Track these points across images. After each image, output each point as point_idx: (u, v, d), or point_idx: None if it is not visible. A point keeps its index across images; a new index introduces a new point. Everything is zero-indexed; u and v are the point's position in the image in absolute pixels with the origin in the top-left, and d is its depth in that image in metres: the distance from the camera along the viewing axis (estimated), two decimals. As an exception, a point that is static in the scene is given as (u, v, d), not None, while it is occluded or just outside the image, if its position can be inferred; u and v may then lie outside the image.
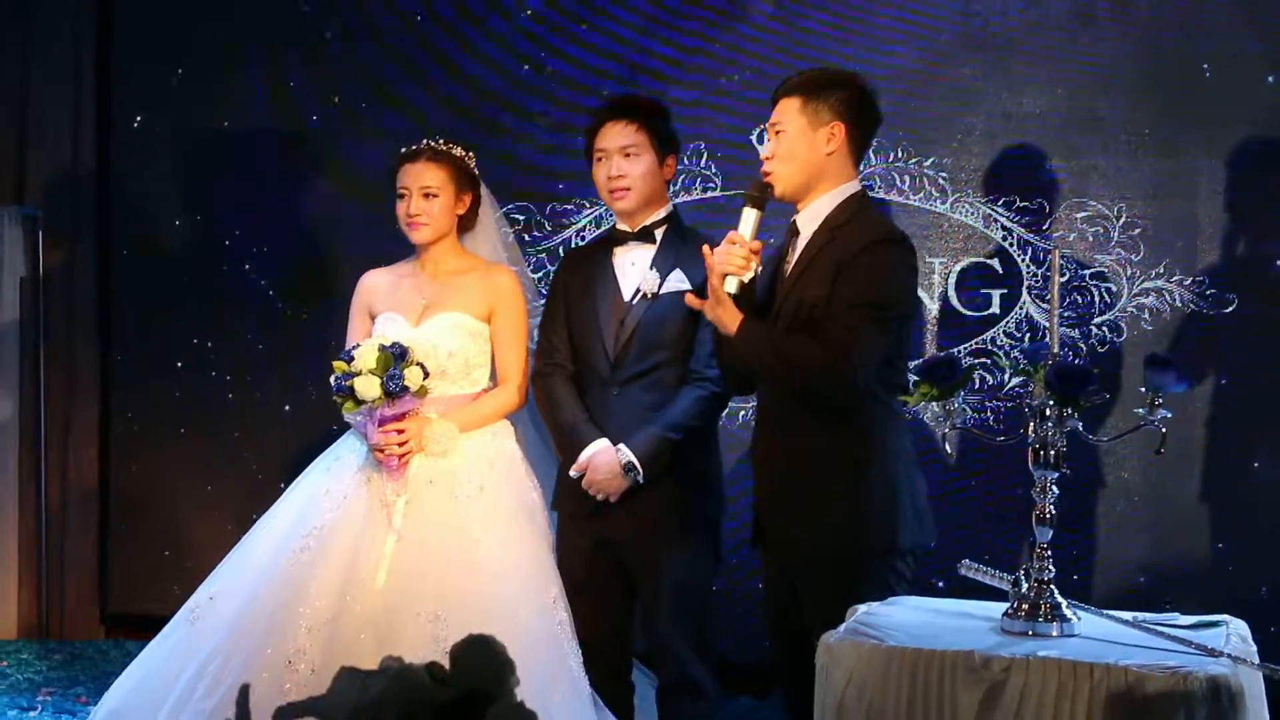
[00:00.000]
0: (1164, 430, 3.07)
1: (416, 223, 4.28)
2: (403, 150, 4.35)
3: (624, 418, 4.09)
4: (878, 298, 3.50)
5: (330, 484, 4.20)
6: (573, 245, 5.70)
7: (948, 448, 3.29)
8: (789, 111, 3.65)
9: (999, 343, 5.48)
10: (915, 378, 3.20)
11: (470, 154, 4.37)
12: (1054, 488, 3.12)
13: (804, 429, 3.61)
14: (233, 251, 6.21)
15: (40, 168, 6.49)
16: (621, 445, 4.04)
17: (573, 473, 4.08)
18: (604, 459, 4.04)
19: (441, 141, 4.34)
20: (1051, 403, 3.05)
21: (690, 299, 3.73)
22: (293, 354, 6.09)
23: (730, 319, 3.57)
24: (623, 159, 4.14)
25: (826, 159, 3.64)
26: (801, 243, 3.67)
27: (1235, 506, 5.30)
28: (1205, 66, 5.31)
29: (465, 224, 4.37)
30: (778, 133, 3.66)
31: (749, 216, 3.64)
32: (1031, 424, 3.10)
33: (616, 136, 4.15)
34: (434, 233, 4.30)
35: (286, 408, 6.13)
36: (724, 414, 4.43)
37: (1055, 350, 3.15)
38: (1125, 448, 5.25)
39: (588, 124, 4.27)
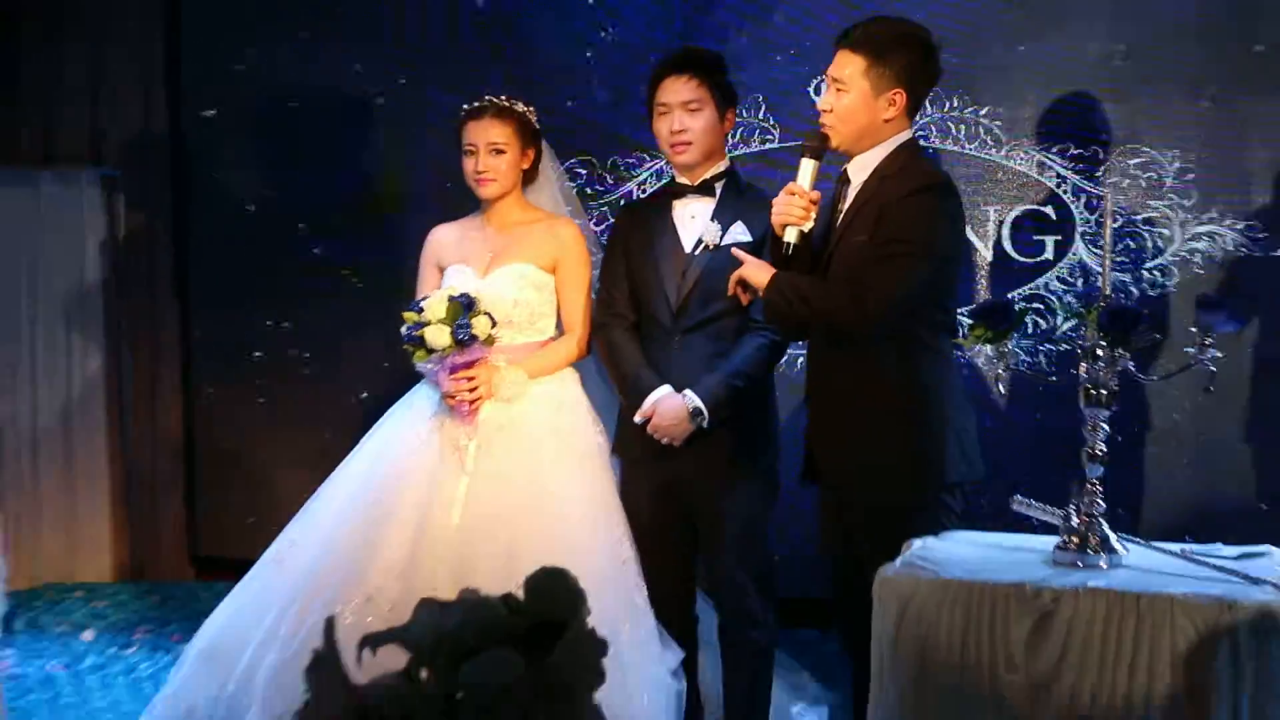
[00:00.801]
0: (1214, 369, 3.07)
1: (484, 179, 4.27)
2: (466, 107, 4.33)
3: (687, 366, 4.09)
4: (910, 238, 3.49)
5: (405, 430, 4.22)
6: (634, 198, 5.73)
7: (1001, 388, 3.29)
8: (853, 71, 3.59)
9: (1052, 288, 5.47)
10: (969, 321, 3.21)
11: (532, 108, 4.35)
12: (1105, 426, 3.13)
13: (853, 371, 3.62)
14: (305, 218, 6.25)
15: (117, 130, 6.52)
16: (688, 391, 4.04)
17: (638, 418, 4.08)
18: (670, 404, 4.04)
19: (505, 98, 4.32)
20: (1104, 343, 3.05)
21: (736, 252, 3.76)
22: (362, 315, 6.13)
23: (762, 276, 3.61)
24: (685, 113, 4.11)
25: (884, 123, 3.63)
26: (852, 191, 3.67)
27: (1275, 441, 5.29)
28: (1258, 19, 5.26)
29: (529, 178, 4.36)
30: (839, 90, 3.62)
31: (807, 167, 3.64)
32: (1084, 364, 3.11)
33: (678, 91, 4.12)
34: (501, 188, 4.29)
35: (361, 362, 6.17)
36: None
37: (1108, 293, 3.15)
38: (1173, 389, 5.23)
39: (649, 77, 4.24)
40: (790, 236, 3.60)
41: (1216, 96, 5.34)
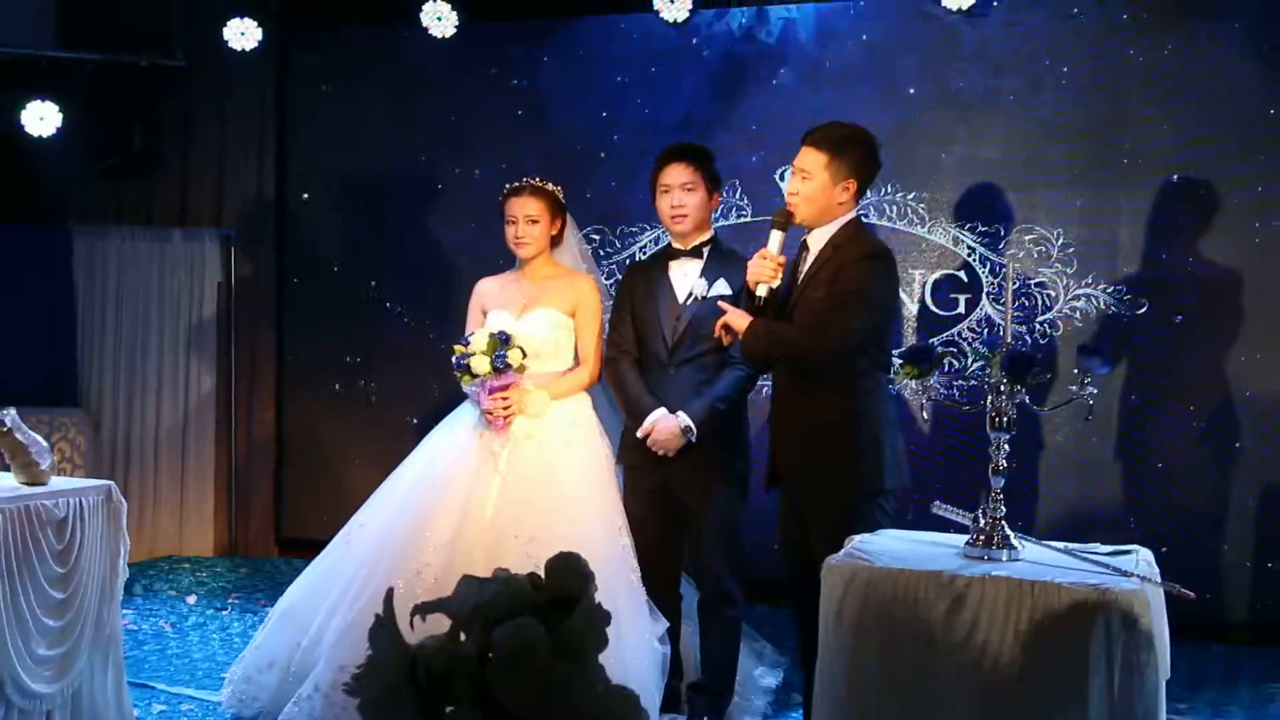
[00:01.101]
0: (1090, 402, 3.06)
1: (522, 243, 4.27)
2: (508, 186, 4.34)
3: (679, 391, 4.06)
4: (859, 291, 3.49)
5: (451, 439, 4.20)
6: (636, 259, 5.71)
7: (924, 415, 3.26)
8: (816, 164, 3.58)
9: (964, 335, 5.45)
10: (899, 361, 3.18)
11: (560, 188, 4.35)
12: (1006, 446, 3.09)
13: (810, 399, 3.59)
14: (379, 273, 6.25)
15: (233, 197, 6.55)
16: (680, 412, 4.02)
17: (639, 434, 4.06)
18: (666, 423, 4.02)
19: (539, 179, 4.32)
20: (1005, 380, 3.03)
21: (722, 305, 3.74)
22: (418, 353, 6.13)
23: (741, 322, 3.59)
24: (682, 192, 4.09)
25: (838, 204, 3.62)
26: (811, 257, 3.66)
27: (1138, 460, 5.27)
28: (1124, 121, 5.28)
29: (555, 241, 4.35)
30: (804, 178, 3.60)
31: (775, 237, 3.62)
32: (990, 397, 3.07)
33: (678, 174, 4.10)
34: (535, 250, 4.29)
35: (415, 386, 6.16)
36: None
37: (1009, 340, 3.12)
38: (1059, 416, 5.23)
39: (654, 164, 4.22)
40: (762, 292, 3.59)
41: (1093, 186, 5.33)
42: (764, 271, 3.58)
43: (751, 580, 4.20)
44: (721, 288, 4.09)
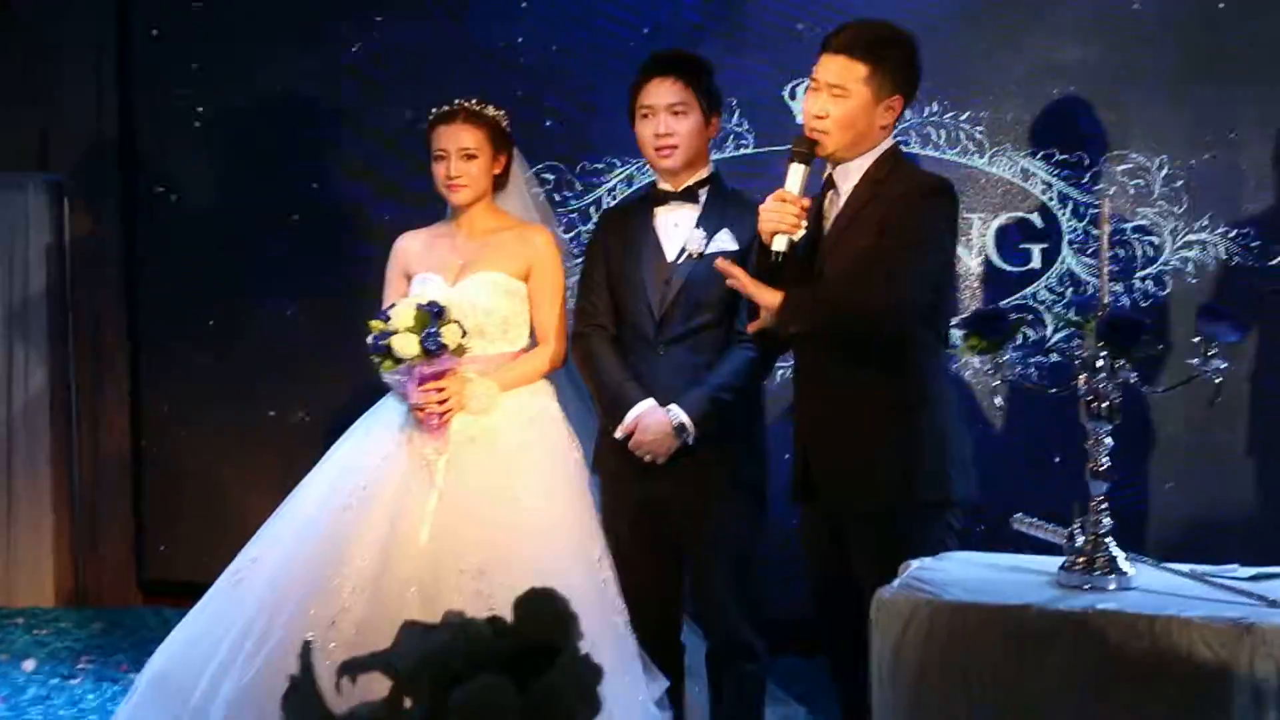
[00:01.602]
0: (1219, 380, 3.05)
1: (456, 185, 4.27)
2: (435, 111, 4.34)
3: (670, 378, 4.06)
4: (924, 239, 3.53)
5: (371, 444, 4.20)
6: (604, 205, 5.68)
7: (998, 401, 3.25)
8: (853, 77, 3.60)
9: (1041, 298, 5.46)
10: (961, 331, 3.18)
11: (504, 113, 4.35)
12: (1108, 440, 3.09)
13: (849, 380, 3.62)
14: (258, 226, 6.21)
15: (65, 137, 6.46)
16: (672, 405, 4.01)
17: (619, 434, 4.05)
18: (653, 419, 4.01)
19: (475, 102, 4.32)
20: (1104, 354, 3.02)
21: (720, 263, 3.74)
22: (322, 325, 6.09)
23: (771, 298, 3.57)
24: (670, 116, 4.10)
25: (880, 129, 3.66)
26: (843, 198, 3.67)
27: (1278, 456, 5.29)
28: (1253, 19, 5.27)
29: (499, 184, 4.36)
30: (838, 96, 3.61)
31: (796, 172, 3.63)
32: (1083, 376, 3.07)
33: (664, 93, 4.11)
34: (473, 194, 4.29)
35: (318, 376, 6.12)
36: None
37: (1105, 301, 3.12)
38: (1170, 401, 5.21)
39: (632, 82, 4.21)
40: (780, 245, 3.59)
41: (1205, 100, 5.32)
42: (785, 218, 3.58)
43: (775, 624, 4.22)
44: (725, 241, 4.10)
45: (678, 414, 4.00)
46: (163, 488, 6.41)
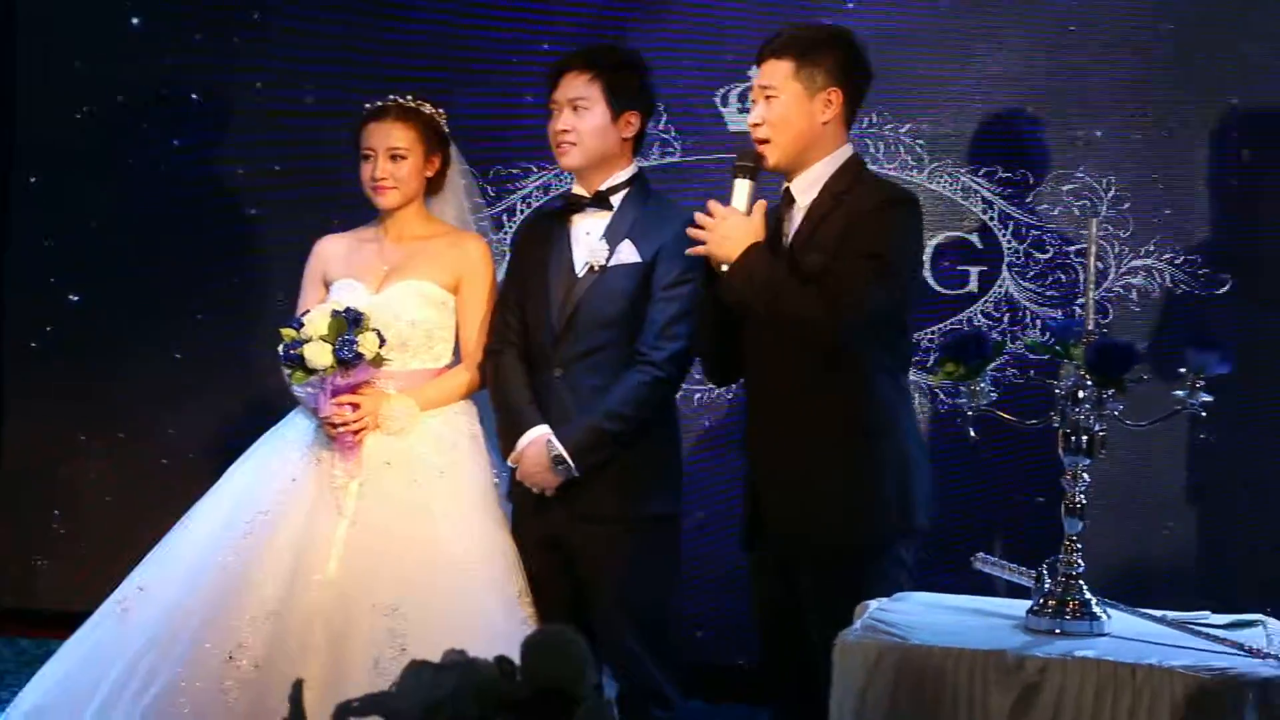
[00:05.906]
0: (1204, 414, 3.12)
1: (383, 186, 4.25)
2: (367, 107, 4.32)
3: (567, 401, 4.05)
4: (882, 252, 3.53)
5: (276, 465, 4.15)
6: (519, 213, 5.66)
7: (971, 431, 3.27)
8: (781, 76, 3.65)
9: (976, 323, 5.50)
10: (938, 355, 3.21)
11: (441, 111, 4.34)
12: (1085, 476, 3.14)
13: (807, 405, 3.61)
14: (143, 224, 6.13)
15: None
16: (551, 436, 4.00)
17: (510, 461, 4.06)
18: (534, 450, 4.01)
19: (410, 98, 4.31)
20: (1089, 384, 3.06)
21: (701, 217, 3.65)
22: (215, 341, 6.03)
23: (739, 240, 3.54)
24: (570, 112, 4.09)
25: (823, 127, 3.67)
26: (799, 212, 3.69)
27: (1228, 494, 5.37)
28: (1201, 37, 5.37)
29: (433, 187, 4.34)
30: (769, 98, 3.66)
31: (742, 188, 3.65)
32: (1062, 408, 3.11)
33: (569, 86, 4.10)
34: (402, 197, 4.27)
35: (211, 383, 6.04)
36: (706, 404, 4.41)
37: (1090, 326, 3.15)
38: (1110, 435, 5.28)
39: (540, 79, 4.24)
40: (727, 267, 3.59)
41: (1155, 120, 5.41)
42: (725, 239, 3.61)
43: (710, 666, 4.21)
44: (627, 253, 4.09)
45: (555, 445, 3.98)
46: (25, 508, 6.25)
